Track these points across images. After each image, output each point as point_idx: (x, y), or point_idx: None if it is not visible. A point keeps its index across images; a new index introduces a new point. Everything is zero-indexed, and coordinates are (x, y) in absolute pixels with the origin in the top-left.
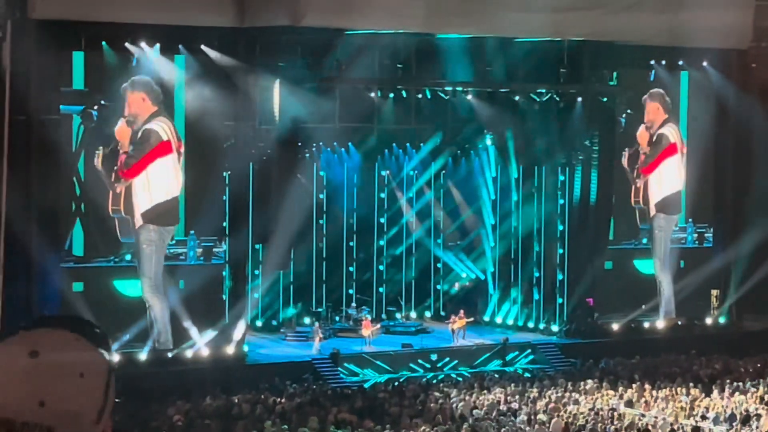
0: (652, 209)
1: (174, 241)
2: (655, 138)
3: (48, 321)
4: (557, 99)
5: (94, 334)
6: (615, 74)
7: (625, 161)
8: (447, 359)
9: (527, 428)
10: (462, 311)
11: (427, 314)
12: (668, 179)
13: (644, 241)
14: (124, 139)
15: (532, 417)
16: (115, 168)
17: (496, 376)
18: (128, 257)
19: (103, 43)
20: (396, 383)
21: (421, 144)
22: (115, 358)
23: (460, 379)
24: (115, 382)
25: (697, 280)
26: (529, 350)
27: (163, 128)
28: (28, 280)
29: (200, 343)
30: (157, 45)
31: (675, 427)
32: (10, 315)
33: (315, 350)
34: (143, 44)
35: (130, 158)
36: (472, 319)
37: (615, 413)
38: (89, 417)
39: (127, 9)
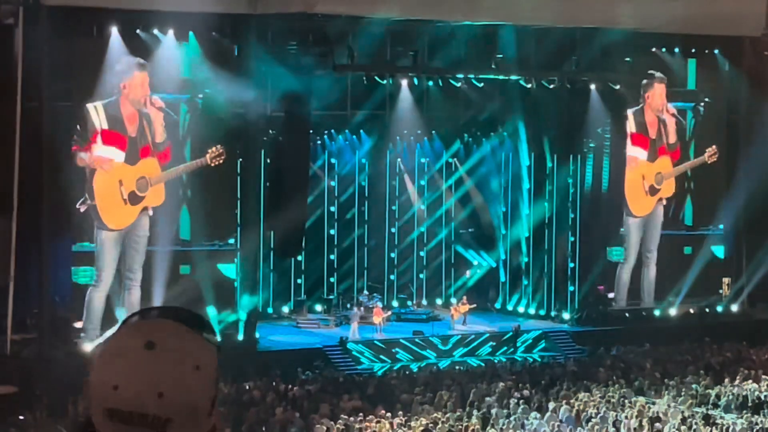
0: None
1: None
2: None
3: (158, 312)
4: (569, 87)
5: (202, 326)
6: (627, 62)
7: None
8: (458, 345)
9: (538, 415)
10: (464, 297)
11: (438, 302)
12: None
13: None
14: (158, 125)
15: (543, 404)
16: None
17: (508, 363)
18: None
19: (115, 29)
20: (407, 371)
21: (433, 132)
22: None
23: (472, 366)
24: None
25: (706, 267)
26: (541, 337)
27: None
28: (40, 266)
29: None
30: (170, 31)
31: (686, 415)
32: (22, 300)
33: (353, 333)
34: (155, 31)
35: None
36: (474, 305)
37: (626, 401)
38: (204, 409)
39: None
